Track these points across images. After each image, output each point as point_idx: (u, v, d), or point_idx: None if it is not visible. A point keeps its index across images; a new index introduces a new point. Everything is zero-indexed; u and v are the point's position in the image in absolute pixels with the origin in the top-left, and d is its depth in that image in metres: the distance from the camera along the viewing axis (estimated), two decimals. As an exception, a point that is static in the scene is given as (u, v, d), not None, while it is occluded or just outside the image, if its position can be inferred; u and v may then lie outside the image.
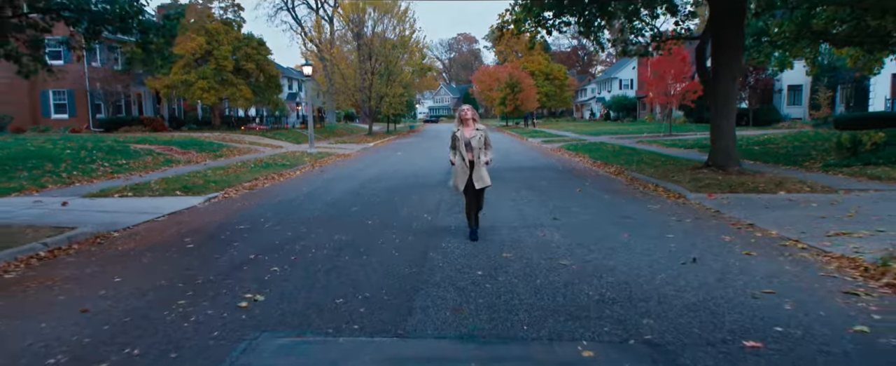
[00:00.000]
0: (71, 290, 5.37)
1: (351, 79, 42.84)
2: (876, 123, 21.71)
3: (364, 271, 5.79)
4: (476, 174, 6.91)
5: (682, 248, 6.51)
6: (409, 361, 3.62)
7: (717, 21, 12.19)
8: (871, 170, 11.82)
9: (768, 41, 17.88)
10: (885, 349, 3.66)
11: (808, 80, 36.41)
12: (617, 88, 72.41)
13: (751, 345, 3.74)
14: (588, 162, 18.18)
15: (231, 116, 43.68)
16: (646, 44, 15.31)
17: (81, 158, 15.50)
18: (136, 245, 7.34)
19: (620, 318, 4.31)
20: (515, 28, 16.07)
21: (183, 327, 4.29)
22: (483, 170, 6.95)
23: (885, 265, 5.33)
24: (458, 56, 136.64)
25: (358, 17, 43.53)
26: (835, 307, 4.47)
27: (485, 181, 6.96)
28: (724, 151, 12.42)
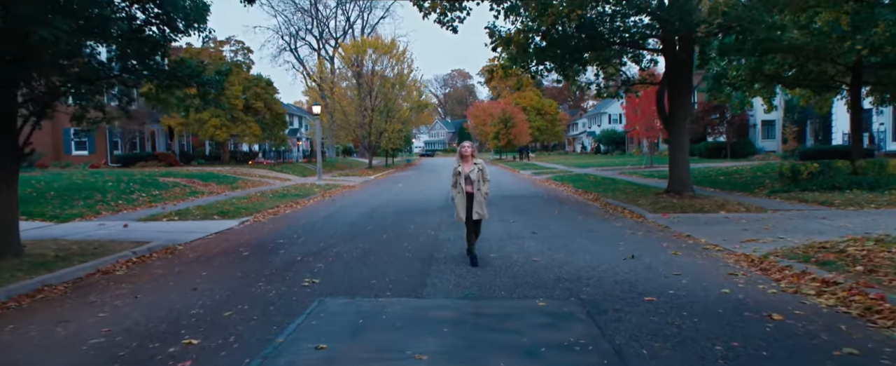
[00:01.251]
0: (174, 279, 7.34)
1: (352, 115, 45.25)
2: (833, 155, 23.95)
3: (386, 265, 7.79)
4: (474, 205, 7.61)
5: (628, 250, 8.54)
6: (425, 309, 5.61)
7: (671, 71, 14.51)
8: (803, 194, 13.96)
9: (727, 83, 20.23)
10: (732, 299, 5.69)
11: (780, 116, 39.07)
12: (606, 123, 75.37)
13: (648, 299, 5.77)
14: (571, 191, 20.29)
15: (237, 151, 45.86)
16: (617, 86, 17.62)
17: (122, 189, 17.51)
18: (202, 254, 9.31)
19: (568, 288, 6.32)
20: (503, 72, 18.42)
21: (270, 295, 6.28)
22: (482, 200, 7.64)
23: (765, 258, 7.38)
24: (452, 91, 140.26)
25: (358, 57, 46.25)
26: (716, 281, 6.50)
27: (481, 213, 7.65)
28: (680, 179, 14.56)
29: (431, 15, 16.44)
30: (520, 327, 4.92)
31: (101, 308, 5.95)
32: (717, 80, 20.34)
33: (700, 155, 41.02)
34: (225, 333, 4.96)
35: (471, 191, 7.65)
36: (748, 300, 5.67)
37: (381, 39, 46.76)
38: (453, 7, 16.20)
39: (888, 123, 27.91)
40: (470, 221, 7.71)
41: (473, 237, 7.83)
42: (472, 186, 7.64)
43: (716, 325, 4.88)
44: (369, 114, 44.11)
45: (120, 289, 6.85)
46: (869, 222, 9.98)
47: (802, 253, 7.41)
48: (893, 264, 6.37)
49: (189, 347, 4.60)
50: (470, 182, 7.64)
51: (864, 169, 15.16)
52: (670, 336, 4.61)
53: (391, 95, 45.01)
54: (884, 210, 11.44)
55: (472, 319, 5.21)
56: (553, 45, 14.84)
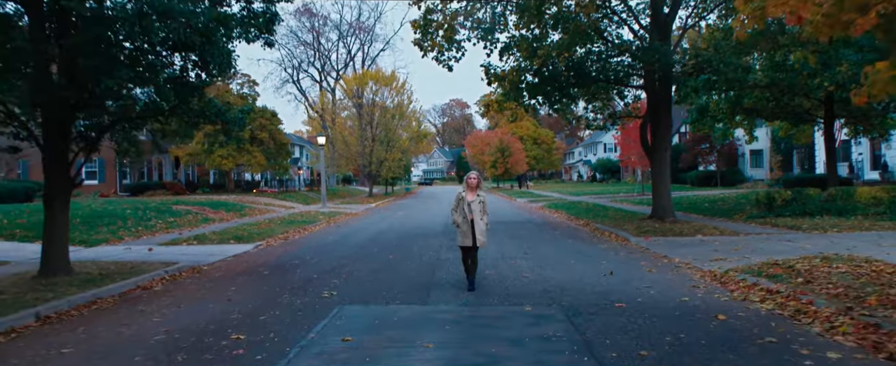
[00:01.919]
0: (208, 293, 8.37)
1: (353, 145, 46.56)
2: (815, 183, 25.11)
3: (395, 280, 8.84)
4: (477, 232, 7.84)
5: (609, 268, 9.60)
6: (429, 313, 6.65)
7: (652, 107, 15.78)
8: (777, 220, 15.07)
9: (710, 115, 21.54)
10: (689, 305, 6.75)
11: (767, 146, 40.45)
12: (602, 152, 76.82)
13: (618, 305, 6.82)
14: (564, 217, 21.38)
15: (241, 179, 47.00)
16: (605, 119, 18.88)
17: (140, 216, 18.56)
18: (226, 273, 10.34)
19: (552, 297, 7.38)
20: (498, 106, 19.70)
21: (296, 304, 7.32)
22: (481, 228, 7.91)
23: (726, 273, 8.46)
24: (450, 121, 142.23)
25: (359, 88, 47.82)
26: (679, 292, 7.56)
27: (482, 240, 7.89)
28: (662, 206, 15.68)
29: (430, 53, 17.84)
30: (509, 325, 5.97)
31: (152, 315, 6.97)
32: (701, 112, 21.66)
33: (692, 183, 42.26)
34: (264, 330, 6.00)
35: (472, 218, 7.89)
36: (702, 306, 6.73)
37: (381, 72, 48.42)
38: (450, 47, 17.59)
39: (866, 154, 29.22)
40: (471, 248, 7.94)
41: (473, 265, 8.06)
42: (473, 215, 7.89)
43: (670, 323, 5.94)
44: (370, 144, 45.42)
45: (163, 300, 7.88)
46: (827, 244, 11.06)
47: (758, 269, 8.49)
48: (828, 277, 7.45)
49: (238, 340, 5.63)
50: (472, 211, 7.90)
51: (834, 197, 16.30)
52: (631, 331, 5.66)
53: (391, 125, 46.41)
54: (845, 234, 12.54)
55: (469, 320, 6.26)
56: (544, 82, 16.12)
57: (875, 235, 12.12)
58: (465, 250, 8.04)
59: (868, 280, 7.18)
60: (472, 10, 17.69)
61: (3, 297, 7.61)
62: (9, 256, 11.63)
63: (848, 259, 8.75)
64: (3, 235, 14.33)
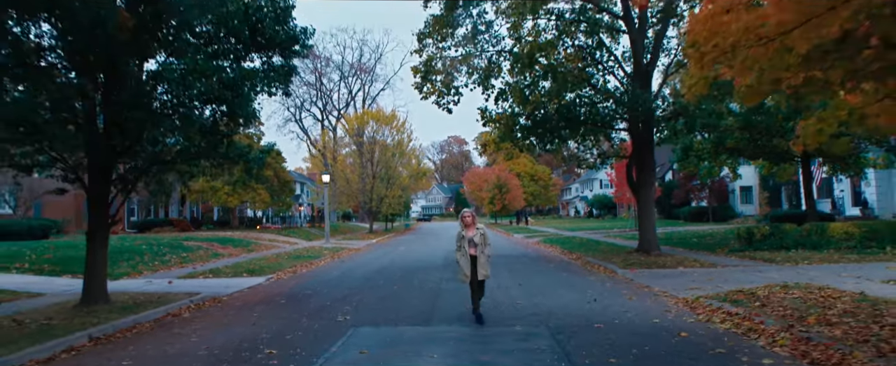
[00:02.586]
0: (233, 319, 9.35)
1: (354, 182, 47.78)
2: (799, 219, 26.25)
3: (401, 307, 9.84)
4: (479, 266, 8.25)
5: (594, 296, 10.61)
6: (433, 332, 7.65)
7: (637, 148, 17.03)
8: (755, 253, 16.12)
9: (694, 155, 22.80)
10: (659, 326, 7.77)
11: (756, 182, 41.71)
12: (598, 188, 78.14)
13: (597, 325, 7.84)
14: (558, 251, 22.38)
15: (244, 216, 48.00)
16: (594, 159, 20.13)
17: (155, 252, 19.54)
18: (245, 302, 11.31)
19: (540, 319, 8.39)
20: (494, 146, 20.97)
21: (314, 326, 8.31)
22: (485, 261, 8.29)
23: (696, 299, 9.48)
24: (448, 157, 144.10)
25: (360, 127, 49.36)
26: (653, 315, 8.58)
27: (485, 273, 8.31)
28: (648, 240, 16.75)
29: (430, 97, 19.20)
30: (501, 340, 6.99)
31: (190, 336, 7.96)
32: (685, 152, 22.93)
33: (685, 219, 43.32)
34: (292, 346, 7.00)
35: (474, 253, 8.28)
36: (670, 326, 7.75)
37: (382, 111, 50.08)
38: (449, 92, 18.97)
39: (847, 190, 30.45)
40: (475, 282, 8.35)
41: (478, 297, 8.47)
42: (475, 249, 8.28)
43: (638, 338, 6.96)
44: (371, 180, 46.64)
45: (194, 325, 8.86)
46: (794, 275, 12.08)
47: (725, 296, 9.52)
48: (782, 301, 8.50)
49: (271, 354, 6.63)
50: (473, 245, 8.28)
51: (809, 232, 17.39)
52: (604, 345, 6.68)
53: (391, 163, 47.74)
54: (813, 266, 13.57)
55: (468, 337, 7.28)
56: (536, 125, 17.38)
57: (840, 266, 13.16)
58: (471, 286, 8.42)
59: (814, 303, 8.22)
60: (469, 58, 19.16)
61: (54, 322, 8.59)
62: (42, 289, 12.59)
63: (804, 287, 9.79)
64: (32, 269, 15.30)
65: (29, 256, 16.52)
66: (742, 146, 21.93)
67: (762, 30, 5.55)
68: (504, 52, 18.83)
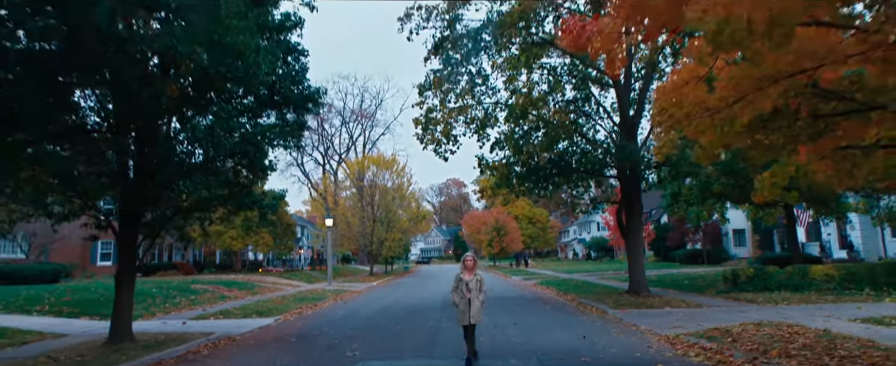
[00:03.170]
0: (251, 355, 10.15)
1: (355, 225, 48.62)
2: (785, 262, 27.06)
3: (404, 344, 10.65)
4: (472, 310, 8.43)
5: (584, 333, 11.43)
6: (435, 365, 8.49)
7: (626, 194, 18.08)
8: (739, 294, 16.94)
9: (683, 200, 23.82)
10: (639, 359, 8.62)
11: (749, 225, 42.61)
12: (595, 230, 78.85)
13: (584, 359, 8.67)
14: (554, 293, 23.11)
15: (246, 259, 48.60)
16: (587, 204, 21.17)
17: (165, 294, 20.29)
18: (258, 341, 12.09)
19: (533, 354, 9.22)
20: (491, 192, 22.01)
21: (326, 361, 9.13)
22: (479, 306, 8.52)
23: (677, 336, 10.32)
24: (447, 200, 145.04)
25: (360, 172, 50.57)
26: (635, 350, 9.42)
27: (477, 318, 8.45)
28: (638, 281, 17.59)
29: (430, 146, 20.35)
30: (496, 372, 7.83)
31: (214, 370, 8.77)
32: (674, 197, 23.97)
33: (680, 261, 44.01)
34: (309, 378, 7.83)
35: (470, 297, 8.51)
36: (649, 359, 8.59)
37: (383, 156, 51.40)
38: (448, 141, 20.14)
39: (834, 234, 31.38)
40: (469, 326, 8.53)
41: (470, 342, 8.61)
42: (471, 294, 8.51)
43: (618, 370, 7.81)
44: (371, 224, 47.50)
45: (215, 360, 9.66)
46: (773, 314, 12.91)
47: (703, 333, 10.36)
48: (753, 337, 9.36)
49: (291, 384, 7.46)
50: (470, 290, 8.51)
51: (792, 274, 18.25)
52: (587, 375, 7.53)
53: (392, 206, 48.72)
54: (792, 306, 14.40)
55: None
56: (530, 172, 18.50)
57: (816, 307, 14.00)
58: (465, 328, 8.63)
59: (780, 339, 9.08)
60: (466, 109, 20.42)
61: (87, 359, 9.40)
62: (65, 330, 13.35)
63: (776, 324, 10.65)
64: (52, 311, 16.05)
65: (48, 299, 17.29)
66: (728, 191, 22.96)
67: (709, 102, 6.65)
68: (500, 103, 20.12)
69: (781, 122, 6.74)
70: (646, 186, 19.17)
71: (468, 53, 18.20)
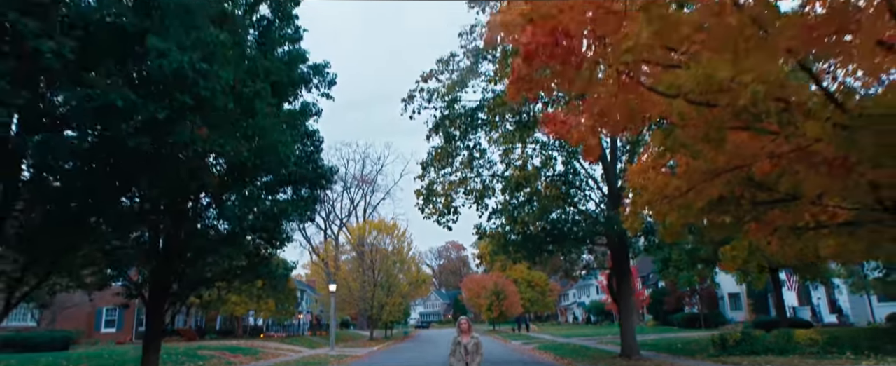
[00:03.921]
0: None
1: (356, 290, 49.15)
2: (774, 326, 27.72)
3: (408, 406, 11.48)
4: None
5: (574, 396, 12.27)
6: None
7: (616, 261, 19.19)
8: (727, 358, 17.71)
9: (674, 265, 24.87)
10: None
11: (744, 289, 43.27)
12: (594, 294, 78.85)
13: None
14: (551, 357, 23.72)
15: (247, 325, 48.80)
16: (579, 270, 22.19)
17: (175, 360, 20.96)
18: (270, 404, 12.87)
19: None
20: (490, 258, 23.08)
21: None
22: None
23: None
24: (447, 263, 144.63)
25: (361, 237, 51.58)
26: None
27: None
28: (629, 345, 18.39)
29: (431, 217, 21.61)
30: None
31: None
32: (665, 263, 25.02)
33: (678, 325, 44.29)
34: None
35: (467, 361, 8.84)
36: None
37: (384, 221, 52.58)
38: (448, 212, 21.42)
39: (823, 298, 32.16)
40: None
41: None
42: (469, 357, 8.84)
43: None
44: (371, 288, 48.06)
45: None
46: (753, 376, 13.76)
47: (683, 393, 11.25)
48: (725, 396, 10.27)
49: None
50: (467, 352, 8.85)
51: (777, 338, 19.06)
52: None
53: (392, 271, 49.42)
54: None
55: (465, 426, 9.00)
56: (525, 240, 19.65)
57: (796, 369, 14.85)
58: None
59: (749, 397, 9.99)
60: (466, 181, 21.83)
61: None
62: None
63: (750, 385, 11.53)
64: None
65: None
66: (713, 257, 24.05)
67: (667, 190, 7.97)
68: (497, 175, 21.56)
69: (728, 206, 8.02)
70: (633, 254, 20.27)
71: (466, 131, 19.81)
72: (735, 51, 4.98)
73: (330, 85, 13.53)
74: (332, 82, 13.54)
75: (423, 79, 21.27)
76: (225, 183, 10.35)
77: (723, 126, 6.40)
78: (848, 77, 5.76)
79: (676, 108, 6.32)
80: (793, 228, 7.70)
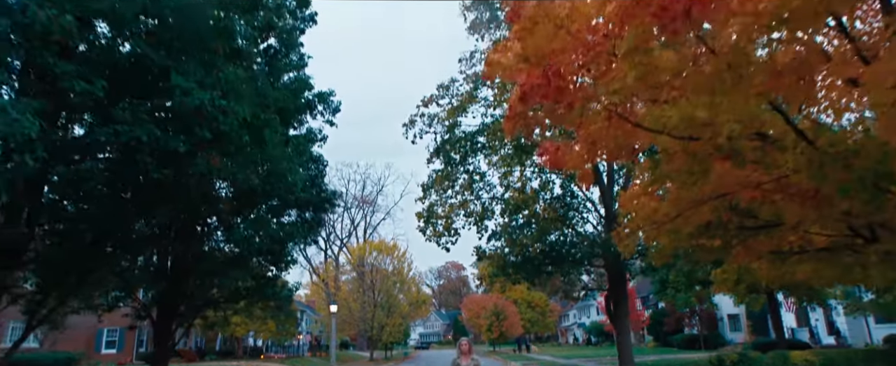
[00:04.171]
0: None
1: (356, 310, 49.21)
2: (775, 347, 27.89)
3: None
4: None
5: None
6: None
7: (613, 282, 19.51)
8: (724, 378, 17.98)
9: (671, 287, 25.16)
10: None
11: (744, 310, 43.40)
12: (595, 314, 78.64)
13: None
14: (550, 379, 23.92)
15: (247, 345, 48.77)
16: (578, 291, 22.47)
17: (177, 380, 21.15)
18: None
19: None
20: (489, 279, 23.39)
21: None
22: None
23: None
24: (447, 283, 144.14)
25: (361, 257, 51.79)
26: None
27: None
28: None
29: (432, 239, 21.98)
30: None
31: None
32: (663, 284, 25.31)
33: (678, 346, 44.30)
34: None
35: None
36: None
37: (384, 242, 52.83)
38: (448, 233, 21.80)
39: (821, 320, 32.35)
40: None
41: None
42: None
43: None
44: (372, 309, 48.12)
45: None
46: (748, 396, 14.02)
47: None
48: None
49: None
50: None
51: (773, 359, 19.30)
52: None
53: (392, 291, 49.53)
54: (769, 389, 15.49)
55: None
56: (524, 262, 19.98)
57: (790, 389, 15.10)
58: None
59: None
60: (466, 204, 22.24)
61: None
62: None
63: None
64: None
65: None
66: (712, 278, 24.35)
67: (656, 217, 8.38)
68: (496, 197, 21.98)
69: (716, 231, 8.42)
70: (630, 276, 20.61)
71: (466, 154, 20.29)
72: (712, 93, 5.45)
73: (334, 112, 14.05)
74: (336, 110, 14.05)
75: (424, 103, 21.85)
76: (234, 207, 10.77)
77: (706, 158, 6.86)
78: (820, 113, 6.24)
79: (661, 142, 6.81)
80: (776, 252, 8.09)
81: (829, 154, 5.59)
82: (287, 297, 14.49)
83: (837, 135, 5.64)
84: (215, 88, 7.04)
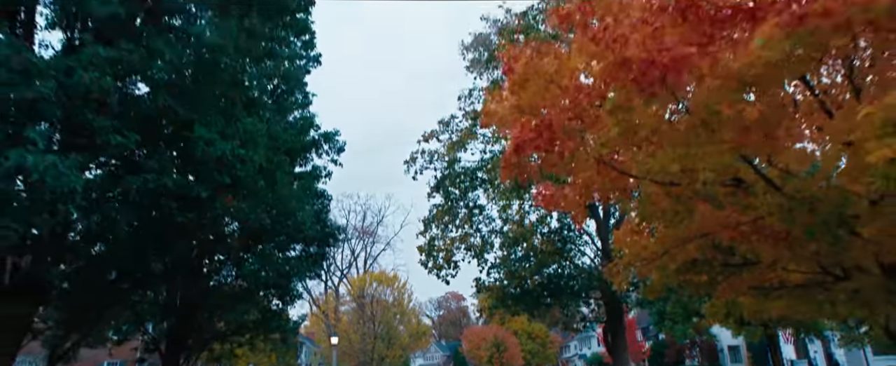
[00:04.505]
0: None
1: (356, 342, 49.09)
2: (776, 378, 27.96)
3: None
4: None
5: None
6: None
7: (610, 314, 19.86)
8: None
9: (669, 318, 25.44)
10: None
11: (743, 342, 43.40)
12: (595, 345, 78.05)
13: None
14: (550, 412, 23.97)
15: (245, 378, 48.50)
16: (576, 322, 22.77)
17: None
18: None
19: None
20: (489, 311, 23.69)
21: None
22: None
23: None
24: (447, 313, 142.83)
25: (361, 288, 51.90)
26: None
27: None
28: (625, 398, 18.85)
29: (433, 272, 22.41)
30: None
31: None
32: (660, 316, 25.61)
33: (679, 378, 44.23)
34: None
35: None
36: None
37: (384, 273, 53.03)
38: (448, 266, 22.23)
39: (820, 352, 32.47)
40: None
41: None
42: None
43: None
44: (372, 340, 48.03)
45: None
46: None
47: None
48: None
49: None
50: None
51: (770, 389, 19.51)
52: None
53: (392, 322, 49.51)
54: (764, 420, 15.69)
55: None
56: (523, 294, 20.37)
57: (785, 421, 15.33)
58: None
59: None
60: (466, 237, 22.73)
61: None
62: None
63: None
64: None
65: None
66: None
67: (644, 254, 8.89)
68: (495, 231, 22.47)
69: (702, 267, 8.93)
70: (627, 308, 20.95)
71: (466, 190, 20.87)
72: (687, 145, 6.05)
73: (339, 151, 14.68)
74: (341, 149, 14.68)
75: (425, 139, 22.55)
76: (244, 244, 11.27)
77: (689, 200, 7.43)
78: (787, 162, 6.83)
79: (646, 186, 7.39)
80: (757, 288, 8.57)
81: (795, 199, 6.14)
82: (293, 330, 14.85)
83: (804, 182, 6.20)
84: (235, 138, 7.64)
